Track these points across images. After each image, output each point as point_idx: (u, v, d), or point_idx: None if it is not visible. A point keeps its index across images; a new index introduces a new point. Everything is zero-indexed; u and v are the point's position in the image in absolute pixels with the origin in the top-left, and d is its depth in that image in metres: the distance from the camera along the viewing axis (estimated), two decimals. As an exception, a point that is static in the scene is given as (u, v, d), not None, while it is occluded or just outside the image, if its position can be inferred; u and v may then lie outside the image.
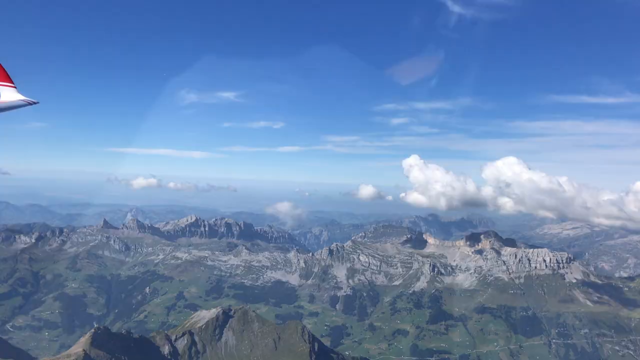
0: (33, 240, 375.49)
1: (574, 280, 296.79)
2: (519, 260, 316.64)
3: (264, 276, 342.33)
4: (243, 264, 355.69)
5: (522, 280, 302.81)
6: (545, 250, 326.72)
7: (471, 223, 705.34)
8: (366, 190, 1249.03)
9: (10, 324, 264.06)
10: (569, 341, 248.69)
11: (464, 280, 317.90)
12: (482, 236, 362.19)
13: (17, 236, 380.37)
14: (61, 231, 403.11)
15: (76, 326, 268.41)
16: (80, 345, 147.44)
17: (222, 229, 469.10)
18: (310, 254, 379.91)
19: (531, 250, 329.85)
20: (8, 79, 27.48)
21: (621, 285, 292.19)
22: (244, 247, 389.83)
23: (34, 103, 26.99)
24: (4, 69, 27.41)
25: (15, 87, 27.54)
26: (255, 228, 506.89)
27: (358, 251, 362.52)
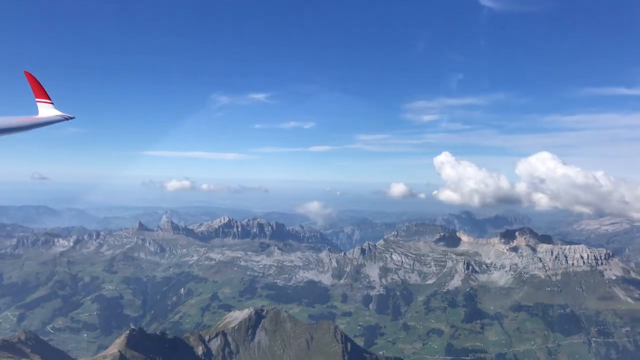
0: (71, 244, 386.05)
1: (614, 277, 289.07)
2: (556, 257, 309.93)
3: (297, 276, 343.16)
4: (275, 264, 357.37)
5: (559, 278, 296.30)
6: (582, 246, 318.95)
7: (506, 220, 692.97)
8: (397, 189, 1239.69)
9: (51, 325, 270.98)
10: (609, 340, 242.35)
11: (499, 278, 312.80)
12: (517, 233, 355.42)
13: (55, 240, 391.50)
14: (98, 234, 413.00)
15: (113, 327, 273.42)
16: (116, 346, 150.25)
17: (255, 230, 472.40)
18: (343, 253, 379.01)
19: (568, 246, 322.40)
20: (45, 95, 28.55)
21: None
22: (276, 247, 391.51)
23: (70, 118, 28.03)
24: (41, 85, 28.51)
25: (52, 103, 28.57)
26: (287, 228, 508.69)
27: (390, 250, 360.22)
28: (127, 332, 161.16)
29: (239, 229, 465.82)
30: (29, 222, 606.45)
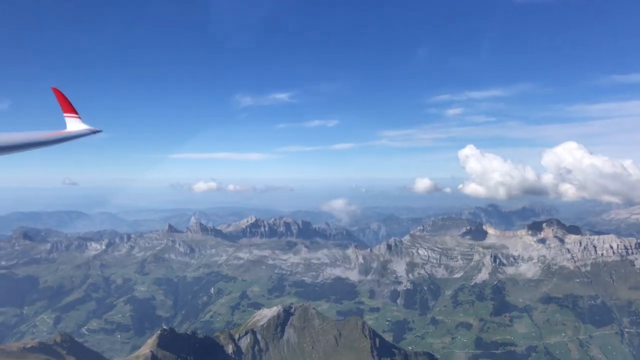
0: (103, 247, 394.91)
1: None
2: (584, 248, 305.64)
3: (324, 273, 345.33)
4: (303, 262, 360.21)
5: (588, 268, 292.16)
6: (612, 236, 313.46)
7: (533, 212, 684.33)
8: (422, 184, 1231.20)
9: (86, 327, 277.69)
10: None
11: (527, 270, 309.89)
12: (544, 224, 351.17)
13: (88, 243, 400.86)
14: (129, 237, 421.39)
15: (146, 328, 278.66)
16: (148, 346, 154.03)
17: (282, 228, 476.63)
18: (369, 249, 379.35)
19: (596, 237, 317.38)
20: (73, 110, 30.16)
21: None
22: (303, 245, 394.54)
23: (98, 132, 29.40)
24: (69, 101, 30.13)
25: (79, 118, 30.16)
26: (313, 226, 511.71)
27: (417, 245, 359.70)
28: (158, 332, 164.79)
29: (266, 228, 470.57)
30: (62, 226, 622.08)
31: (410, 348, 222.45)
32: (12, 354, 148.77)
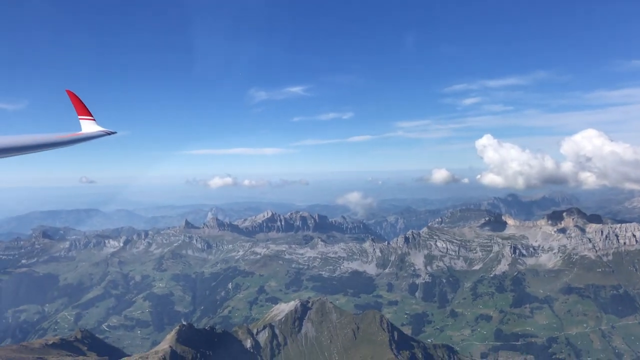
0: (121, 244, 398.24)
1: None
2: (606, 237, 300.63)
3: (341, 267, 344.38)
4: (320, 256, 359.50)
5: (610, 258, 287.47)
6: (634, 224, 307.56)
7: (553, 201, 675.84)
8: (439, 175, 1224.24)
9: (106, 324, 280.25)
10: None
11: (547, 260, 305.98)
12: (564, 214, 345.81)
13: (106, 241, 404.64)
14: (146, 234, 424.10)
15: (165, 324, 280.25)
16: (167, 342, 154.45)
17: (298, 223, 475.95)
18: (386, 242, 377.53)
19: (618, 225, 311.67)
20: (87, 112, 29.96)
21: None
22: (319, 240, 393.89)
23: (112, 133, 29.18)
24: (83, 103, 29.91)
25: (94, 120, 29.91)
26: (329, 220, 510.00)
27: (435, 237, 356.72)
28: (177, 328, 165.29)
29: (283, 223, 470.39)
30: (80, 224, 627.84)
31: (429, 341, 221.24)
32: (35, 351, 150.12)
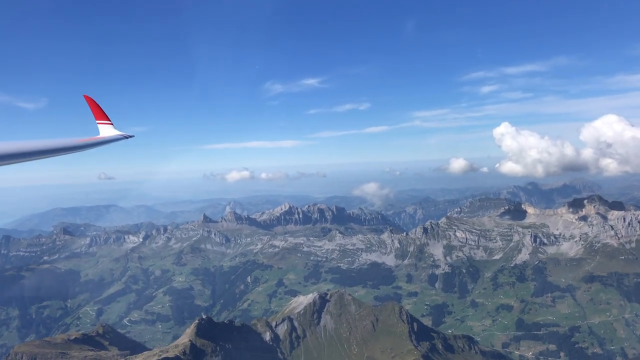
0: (141, 239, 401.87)
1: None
2: (629, 224, 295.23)
3: (360, 259, 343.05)
4: (338, 248, 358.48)
5: (633, 245, 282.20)
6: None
7: (574, 188, 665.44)
8: (458, 164, 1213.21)
9: (127, 318, 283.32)
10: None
11: (568, 249, 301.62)
12: (585, 201, 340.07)
13: (126, 236, 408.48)
14: (165, 229, 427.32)
15: (186, 318, 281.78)
16: (187, 336, 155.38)
17: (316, 215, 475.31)
18: (405, 233, 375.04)
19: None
20: (105, 116, 29.83)
21: None
22: (337, 232, 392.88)
23: (130, 137, 29.07)
24: (101, 108, 29.76)
25: (112, 124, 29.77)
26: (347, 212, 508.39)
27: (454, 227, 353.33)
28: (196, 321, 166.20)
29: (300, 216, 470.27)
30: (100, 220, 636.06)
31: (450, 331, 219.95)
32: (58, 346, 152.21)
